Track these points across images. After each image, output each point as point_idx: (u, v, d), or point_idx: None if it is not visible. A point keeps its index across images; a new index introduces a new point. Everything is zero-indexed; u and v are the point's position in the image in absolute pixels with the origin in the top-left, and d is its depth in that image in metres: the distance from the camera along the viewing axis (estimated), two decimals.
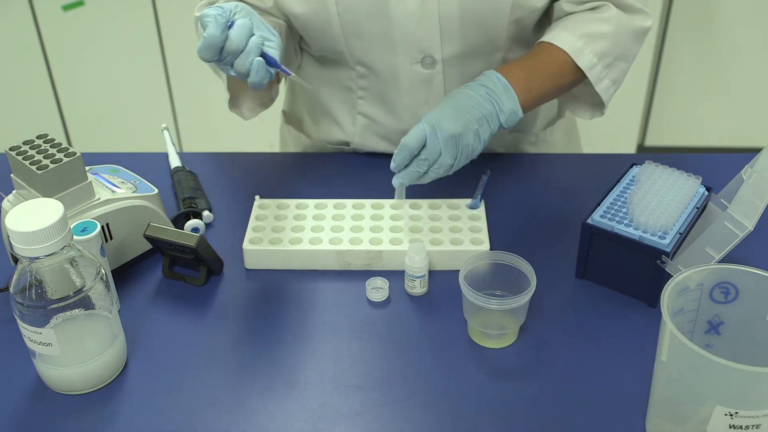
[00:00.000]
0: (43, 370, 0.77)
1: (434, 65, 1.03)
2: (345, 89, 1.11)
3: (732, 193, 0.85)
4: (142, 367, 0.81)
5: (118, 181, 0.95)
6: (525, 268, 0.83)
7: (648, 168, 0.93)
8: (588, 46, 0.99)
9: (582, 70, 0.99)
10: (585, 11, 1.02)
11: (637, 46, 1.04)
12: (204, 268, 0.91)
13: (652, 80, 2.60)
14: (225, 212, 1.04)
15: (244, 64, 0.81)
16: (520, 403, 0.76)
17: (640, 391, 0.76)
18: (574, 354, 0.82)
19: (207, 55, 0.80)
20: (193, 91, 2.50)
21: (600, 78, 1.01)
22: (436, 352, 0.82)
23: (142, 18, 2.36)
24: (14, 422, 0.75)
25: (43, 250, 0.68)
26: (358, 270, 0.93)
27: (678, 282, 0.68)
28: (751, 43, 2.51)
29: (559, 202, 1.05)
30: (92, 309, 0.74)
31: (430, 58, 1.02)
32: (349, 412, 0.75)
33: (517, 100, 0.93)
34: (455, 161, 0.89)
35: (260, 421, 0.74)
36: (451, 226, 0.96)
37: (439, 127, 0.88)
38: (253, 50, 0.81)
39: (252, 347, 0.83)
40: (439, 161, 0.88)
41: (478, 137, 0.90)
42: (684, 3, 2.45)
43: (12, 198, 0.91)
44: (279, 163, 1.17)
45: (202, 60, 0.81)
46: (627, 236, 0.85)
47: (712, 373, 0.61)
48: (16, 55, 2.41)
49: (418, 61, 1.03)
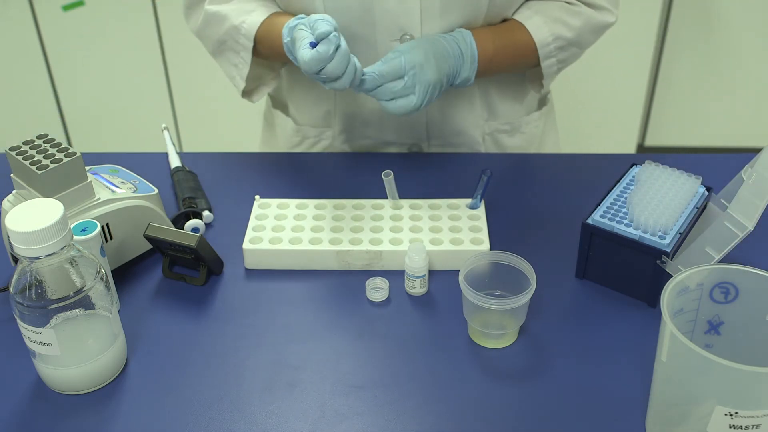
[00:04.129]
0: (43, 370, 0.77)
1: None
2: None
3: (732, 193, 0.85)
4: (142, 367, 0.81)
5: (118, 181, 0.95)
6: (525, 268, 0.83)
7: (648, 168, 0.93)
8: (547, 25, 1.06)
9: None
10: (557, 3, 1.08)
11: (595, 38, 1.12)
12: (204, 268, 0.91)
13: (652, 80, 2.60)
14: (225, 212, 1.04)
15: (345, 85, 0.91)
16: (520, 403, 0.76)
17: (640, 391, 0.76)
18: (574, 354, 0.82)
19: (314, 68, 0.89)
20: (193, 91, 2.50)
21: (548, 55, 1.08)
22: (436, 352, 0.82)
23: (142, 18, 2.36)
24: (14, 422, 0.75)
25: (43, 250, 0.68)
26: (358, 270, 0.93)
27: (678, 282, 0.68)
28: (751, 43, 2.51)
29: (559, 202, 1.05)
30: (92, 309, 0.74)
31: (409, 37, 1.04)
32: (349, 412, 0.75)
33: (475, 72, 1.02)
34: (422, 104, 0.96)
35: (260, 421, 0.74)
36: (451, 226, 0.96)
37: (421, 70, 0.95)
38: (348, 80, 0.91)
39: (252, 347, 0.83)
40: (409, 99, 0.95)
41: (440, 90, 0.98)
42: (684, 3, 2.45)
43: (12, 198, 0.91)
44: (279, 163, 1.17)
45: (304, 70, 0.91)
46: (627, 236, 0.85)
47: (712, 373, 0.61)
48: (16, 55, 2.41)
49: (398, 38, 1.04)
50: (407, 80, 0.95)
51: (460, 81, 1.01)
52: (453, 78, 1.00)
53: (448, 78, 0.99)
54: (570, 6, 1.08)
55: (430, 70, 0.95)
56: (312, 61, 0.88)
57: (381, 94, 0.95)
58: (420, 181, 1.08)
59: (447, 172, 1.12)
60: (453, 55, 0.99)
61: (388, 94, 0.95)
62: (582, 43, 1.10)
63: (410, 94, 0.95)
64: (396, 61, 0.95)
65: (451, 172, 1.11)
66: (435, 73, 0.96)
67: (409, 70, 0.94)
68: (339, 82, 0.91)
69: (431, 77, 0.95)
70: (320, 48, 0.88)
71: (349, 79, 0.91)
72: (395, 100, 0.96)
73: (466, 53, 1.00)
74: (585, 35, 1.09)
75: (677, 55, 2.55)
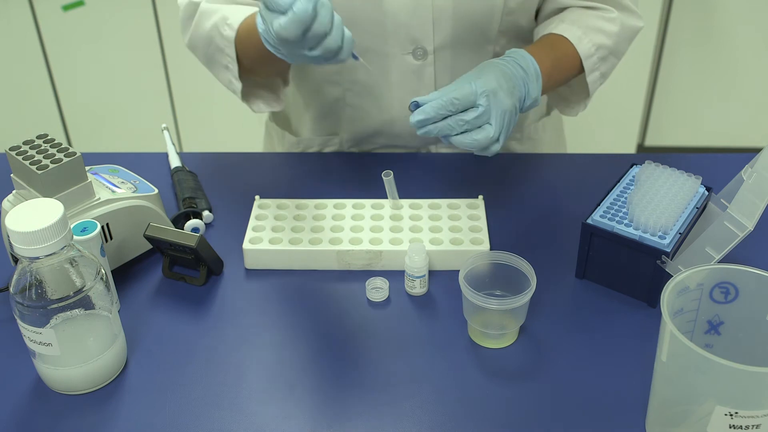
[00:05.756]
0: (43, 370, 0.77)
1: (425, 56, 1.04)
2: (332, 83, 1.11)
3: (732, 193, 0.85)
4: (142, 367, 0.81)
5: (118, 181, 0.95)
6: (525, 268, 0.83)
7: (648, 168, 0.93)
8: (587, 35, 1.01)
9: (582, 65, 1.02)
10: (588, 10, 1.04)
11: (628, 45, 1.07)
12: (204, 268, 0.91)
13: (652, 80, 2.60)
14: (225, 212, 1.04)
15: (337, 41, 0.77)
16: (520, 403, 0.76)
17: (640, 391, 0.76)
18: (574, 354, 0.82)
19: (293, 32, 0.74)
20: (193, 91, 2.49)
21: (593, 68, 1.03)
22: (436, 352, 0.82)
23: (142, 18, 2.36)
24: (14, 422, 0.75)
25: (43, 250, 0.68)
26: (358, 270, 0.93)
27: (678, 282, 0.68)
28: (751, 43, 2.51)
29: (559, 202, 1.05)
30: (92, 309, 0.74)
31: (422, 50, 1.03)
32: (349, 412, 0.75)
33: (541, 89, 0.93)
34: (499, 135, 0.85)
35: (260, 422, 0.74)
36: (451, 226, 0.96)
37: (495, 97, 0.84)
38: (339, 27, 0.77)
39: (252, 347, 0.83)
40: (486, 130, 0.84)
41: (515, 118, 0.88)
42: (684, 3, 2.45)
43: (12, 198, 0.91)
44: (279, 163, 1.17)
45: (280, 39, 0.75)
46: (627, 236, 0.85)
47: (712, 373, 0.61)
48: (16, 55, 2.41)
49: (410, 52, 1.03)
50: (481, 108, 0.83)
51: (530, 102, 0.91)
52: (523, 101, 0.91)
53: (520, 102, 0.90)
54: (603, 12, 1.03)
55: (504, 95, 0.85)
56: (289, 23, 0.73)
57: (449, 127, 0.83)
58: (420, 181, 1.08)
59: (447, 172, 1.12)
60: (518, 75, 0.90)
61: (459, 125, 0.83)
62: (619, 52, 1.05)
63: (485, 125, 0.84)
64: (468, 87, 0.83)
65: (451, 172, 1.11)
66: (509, 97, 0.86)
67: (481, 97, 0.83)
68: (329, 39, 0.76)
69: (507, 103, 0.85)
70: (296, 7, 0.73)
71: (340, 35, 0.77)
72: (468, 133, 0.84)
73: (530, 70, 0.91)
74: (622, 42, 1.04)
75: (677, 55, 2.55)
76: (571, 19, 1.02)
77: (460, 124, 0.83)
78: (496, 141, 0.85)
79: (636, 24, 1.05)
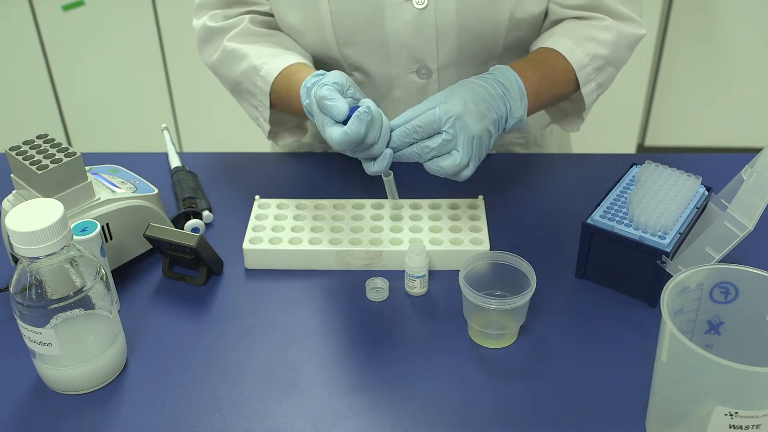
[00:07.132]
0: (43, 370, 0.77)
1: (430, 75, 1.03)
2: None
3: (732, 193, 0.85)
4: (142, 367, 0.81)
5: (118, 181, 0.95)
6: (525, 268, 0.83)
7: (648, 168, 0.93)
8: (579, 46, 0.97)
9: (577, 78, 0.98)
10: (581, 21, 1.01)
11: (628, 54, 1.03)
12: (204, 268, 0.91)
13: (652, 80, 2.60)
14: (225, 212, 1.04)
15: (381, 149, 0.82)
16: (520, 403, 0.76)
17: (640, 391, 0.76)
18: (574, 354, 0.82)
19: (342, 147, 0.80)
20: (193, 91, 2.50)
21: (588, 79, 0.99)
22: (436, 352, 0.82)
23: (142, 18, 2.36)
24: (14, 422, 0.75)
25: (43, 250, 0.68)
26: (358, 270, 0.93)
27: (678, 282, 0.68)
28: (751, 43, 2.51)
29: (559, 202, 1.05)
30: (92, 309, 0.74)
31: (426, 69, 1.02)
32: (349, 412, 0.75)
33: (526, 108, 0.89)
34: (469, 160, 0.83)
35: (260, 421, 0.74)
36: (451, 226, 0.96)
37: (462, 124, 0.82)
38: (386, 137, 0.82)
39: (252, 347, 0.83)
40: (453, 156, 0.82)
41: (489, 141, 0.85)
42: (684, 3, 2.45)
43: (12, 198, 0.91)
44: (279, 163, 1.17)
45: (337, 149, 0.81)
46: (627, 236, 0.85)
47: (712, 373, 0.61)
48: (16, 55, 2.41)
49: (414, 71, 1.02)
50: (446, 135, 0.81)
51: (514, 122, 0.88)
52: (503, 122, 0.87)
53: (496, 124, 0.86)
54: (597, 22, 0.99)
55: (471, 119, 0.82)
56: (341, 140, 0.79)
57: (416, 154, 0.83)
58: (420, 181, 1.08)
59: None
60: (496, 95, 0.86)
61: (425, 152, 0.82)
62: (618, 61, 1.01)
63: (453, 151, 0.82)
64: (431, 114, 0.81)
65: None
66: (478, 122, 0.82)
67: (446, 123, 0.81)
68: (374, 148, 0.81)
69: (475, 128, 0.82)
70: (349, 129, 0.78)
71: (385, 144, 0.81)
72: (434, 160, 0.83)
73: (512, 88, 0.87)
74: (619, 51, 1.00)
75: (677, 55, 2.55)
76: (562, 32, 0.99)
77: (426, 151, 0.82)
78: (465, 167, 0.83)
79: (635, 32, 1.01)
